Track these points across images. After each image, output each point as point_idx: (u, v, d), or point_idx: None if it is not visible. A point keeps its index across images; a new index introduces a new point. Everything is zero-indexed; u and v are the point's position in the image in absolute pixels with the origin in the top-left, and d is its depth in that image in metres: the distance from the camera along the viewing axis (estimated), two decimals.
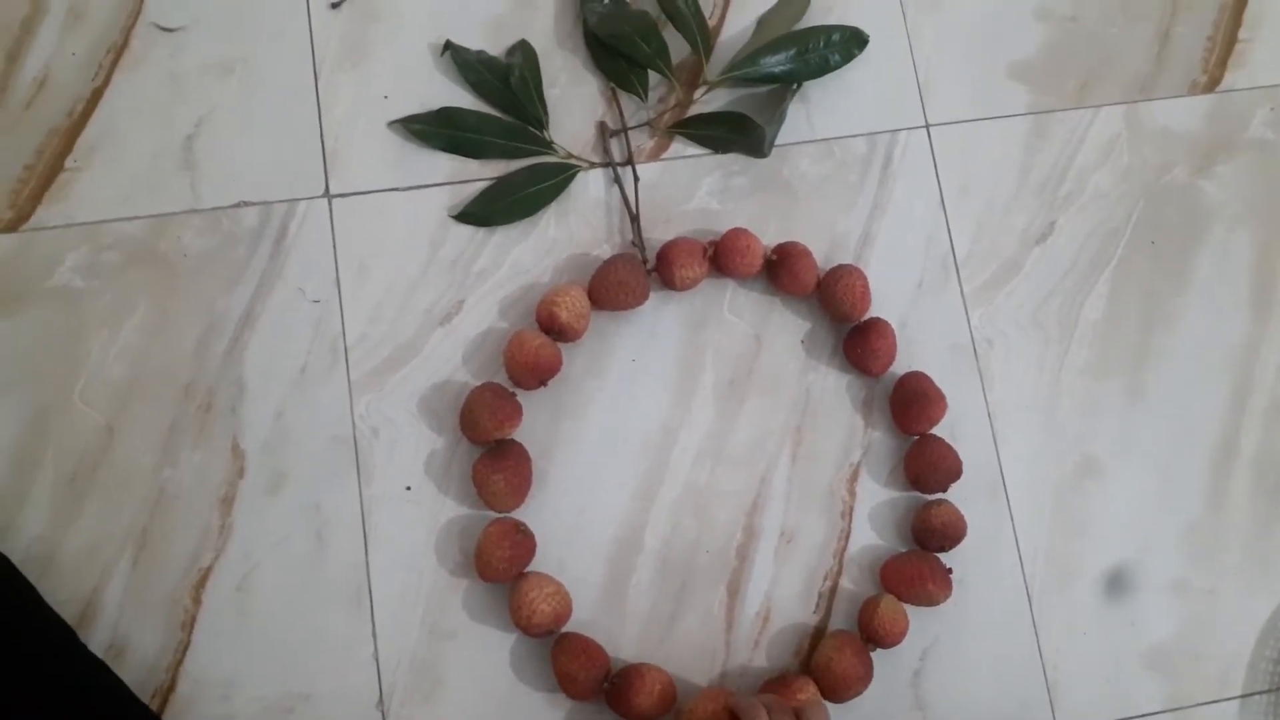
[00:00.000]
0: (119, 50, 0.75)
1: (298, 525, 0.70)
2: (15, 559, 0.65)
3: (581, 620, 0.71)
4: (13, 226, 0.72)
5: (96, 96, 0.74)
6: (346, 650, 0.69)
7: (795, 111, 0.79)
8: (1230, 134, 0.84)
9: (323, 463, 0.71)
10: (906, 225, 0.79)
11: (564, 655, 0.68)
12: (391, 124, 0.76)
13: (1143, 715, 0.75)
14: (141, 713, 0.63)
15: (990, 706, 0.74)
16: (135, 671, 0.67)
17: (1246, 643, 0.77)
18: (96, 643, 0.67)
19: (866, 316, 0.75)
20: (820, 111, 0.80)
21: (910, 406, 0.74)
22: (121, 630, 0.68)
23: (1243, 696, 0.76)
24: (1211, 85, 0.84)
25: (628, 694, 0.67)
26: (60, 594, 0.66)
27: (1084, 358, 0.79)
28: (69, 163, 0.73)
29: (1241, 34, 0.85)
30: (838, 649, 0.69)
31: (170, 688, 0.67)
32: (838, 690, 0.69)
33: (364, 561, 0.70)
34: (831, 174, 0.79)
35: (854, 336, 0.75)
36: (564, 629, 0.69)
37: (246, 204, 0.74)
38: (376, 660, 0.69)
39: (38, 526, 0.68)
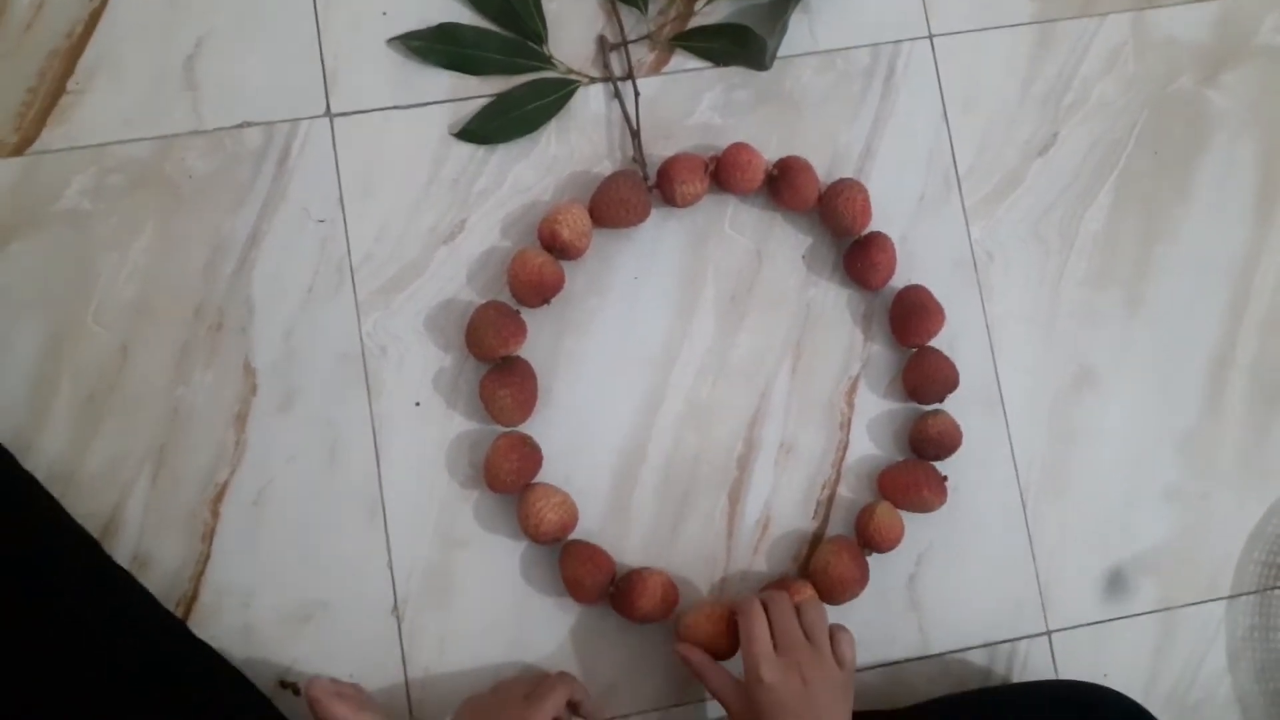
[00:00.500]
0: None
1: (311, 441, 0.72)
2: (38, 477, 0.68)
3: (587, 529, 0.73)
4: (19, 150, 0.72)
5: (95, 17, 0.74)
6: (362, 560, 0.72)
7: (797, 22, 0.79)
8: (1238, 41, 0.83)
9: (333, 380, 0.73)
10: (909, 138, 0.79)
11: (571, 561, 0.70)
12: (390, 41, 0.76)
13: (1133, 615, 0.77)
14: (166, 618, 0.66)
15: (983, 608, 0.76)
16: (159, 582, 0.69)
17: (1236, 546, 0.79)
18: (120, 556, 0.69)
19: (867, 231, 0.76)
20: (822, 22, 0.79)
21: (909, 319, 0.75)
22: (144, 544, 0.70)
23: (1230, 597, 0.78)
24: None
25: (631, 597, 0.69)
26: (82, 509, 0.69)
27: (1084, 269, 0.80)
28: (71, 85, 0.73)
29: None
30: (834, 553, 0.71)
31: (193, 597, 0.70)
32: (835, 592, 0.71)
33: (376, 474, 0.72)
34: (834, 86, 0.79)
35: (854, 251, 0.76)
36: (570, 537, 0.72)
37: (249, 124, 0.74)
38: (391, 569, 0.72)
39: (58, 446, 0.70)
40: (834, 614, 0.72)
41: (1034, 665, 0.76)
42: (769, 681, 0.63)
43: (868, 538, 0.72)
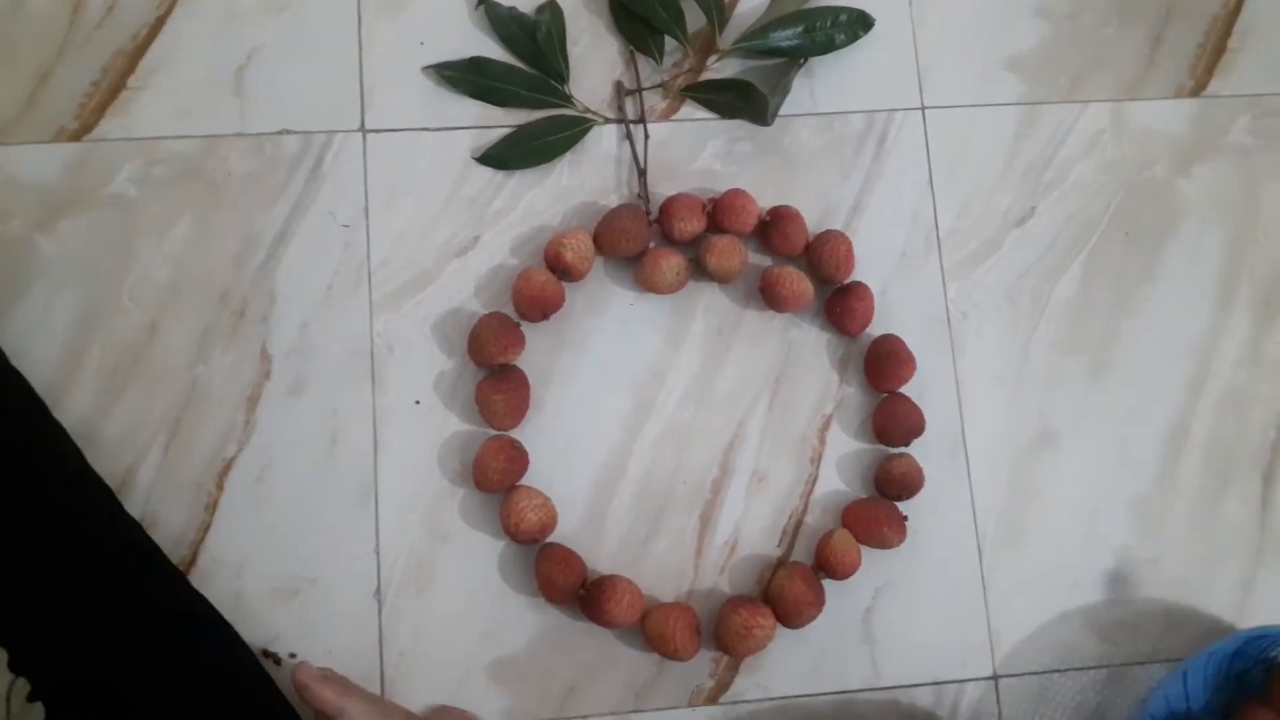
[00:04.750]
0: None
1: (315, 427, 0.77)
2: None
3: (565, 533, 0.77)
4: (77, 137, 0.79)
5: (160, 23, 0.81)
6: (350, 543, 0.76)
7: (799, 85, 0.85)
8: (1211, 138, 0.89)
9: (341, 373, 0.78)
10: (895, 199, 0.85)
11: (546, 562, 0.74)
12: (425, 69, 0.83)
13: (1076, 669, 0.81)
14: (171, 567, 0.70)
15: (934, 646, 0.80)
16: (161, 544, 0.72)
17: (1182, 610, 0.82)
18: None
19: (849, 280, 0.81)
20: (823, 87, 0.86)
21: (882, 365, 0.80)
22: (151, 507, 0.75)
23: (1171, 660, 0.81)
24: (1197, 90, 0.89)
25: (600, 601, 0.73)
26: (100, 469, 0.72)
27: (1052, 334, 0.85)
28: (131, 82, 0.80)
29: (1231, 43, 0.90)
30: (789, 577, 0.75)
31: (191, 561, 0.75)
32: (790, 615, 0.75)
33: (372, 465, 0.77)
34: (829, 146, 0.85)
35: (835, 297, 0.81)
36: (548, 539, 0.76)
37: (289, 132, 0.81)
38: (377, 554, 0.76)
39: (82, 408, 0.76)
40: (791, 637, 0.76)
41: (979, 708, 0.79)
42: None
43: (824, 562, 0.76)
